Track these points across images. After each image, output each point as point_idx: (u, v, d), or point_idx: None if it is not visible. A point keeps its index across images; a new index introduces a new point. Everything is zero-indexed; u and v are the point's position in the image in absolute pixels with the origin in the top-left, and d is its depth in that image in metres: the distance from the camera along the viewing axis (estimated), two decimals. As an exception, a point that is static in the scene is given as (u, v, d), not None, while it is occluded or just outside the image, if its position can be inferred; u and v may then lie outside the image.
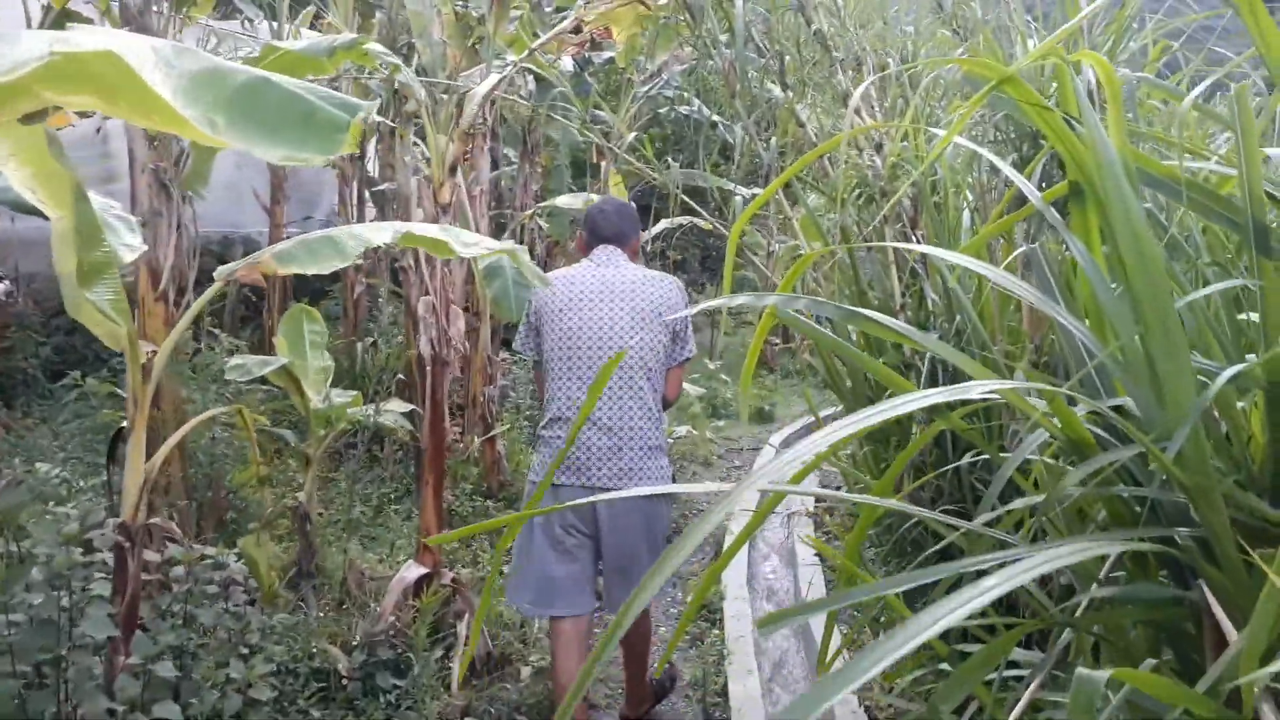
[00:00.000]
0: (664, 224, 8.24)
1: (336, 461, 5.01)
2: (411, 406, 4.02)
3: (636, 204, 7.43)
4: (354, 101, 1.59)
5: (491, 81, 3.38)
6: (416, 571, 3.29)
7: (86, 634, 2.24)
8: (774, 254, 8.12)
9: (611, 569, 2.85)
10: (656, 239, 8.82)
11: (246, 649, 2.62)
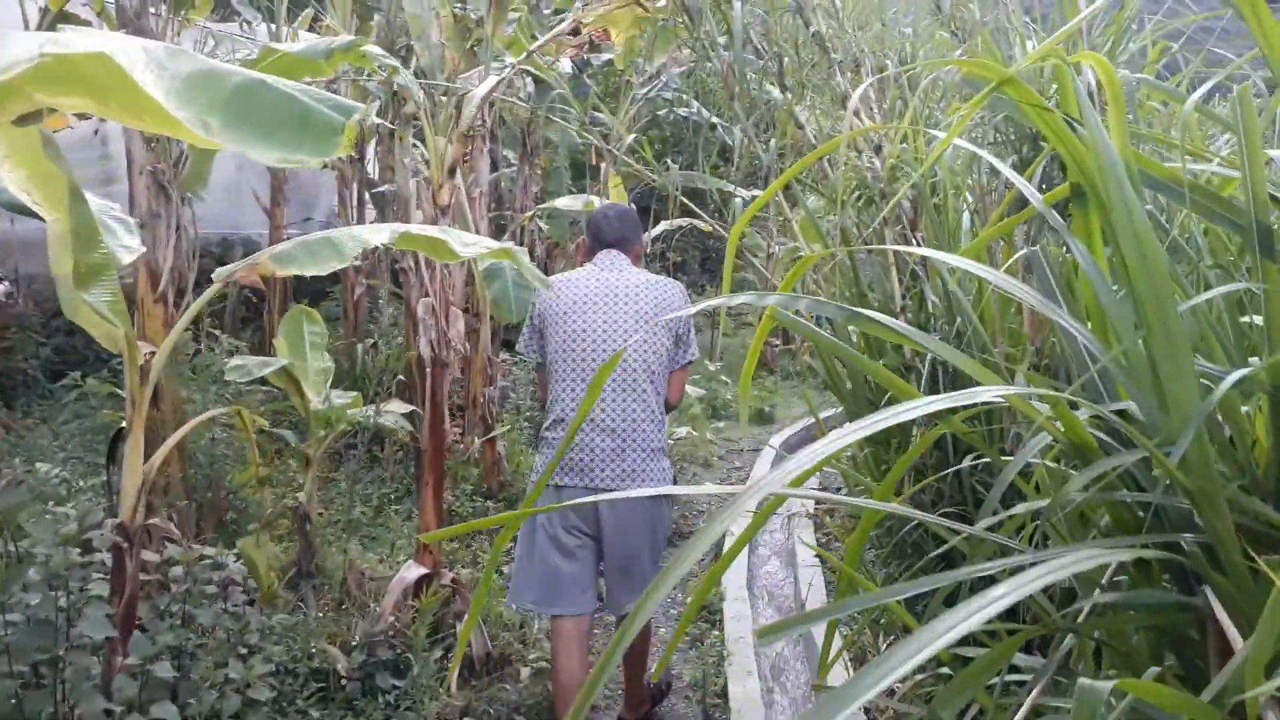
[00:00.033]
0: (663, 226, 8.24)
1: (337, 462, 5.01)
2: (411, 407, 4.01)
3: (636, 205, 7.43)
4: (349, 103, 1.58)
5: (490, 83, 3.38)
6: (416, 572, 3.29)
7: (84, 634, 2.23)
8: (774, 256, 8.11)
9: (613, 569, 2.85)
10: (656, 240, 8.82)
11: (245, 649, 2.61)
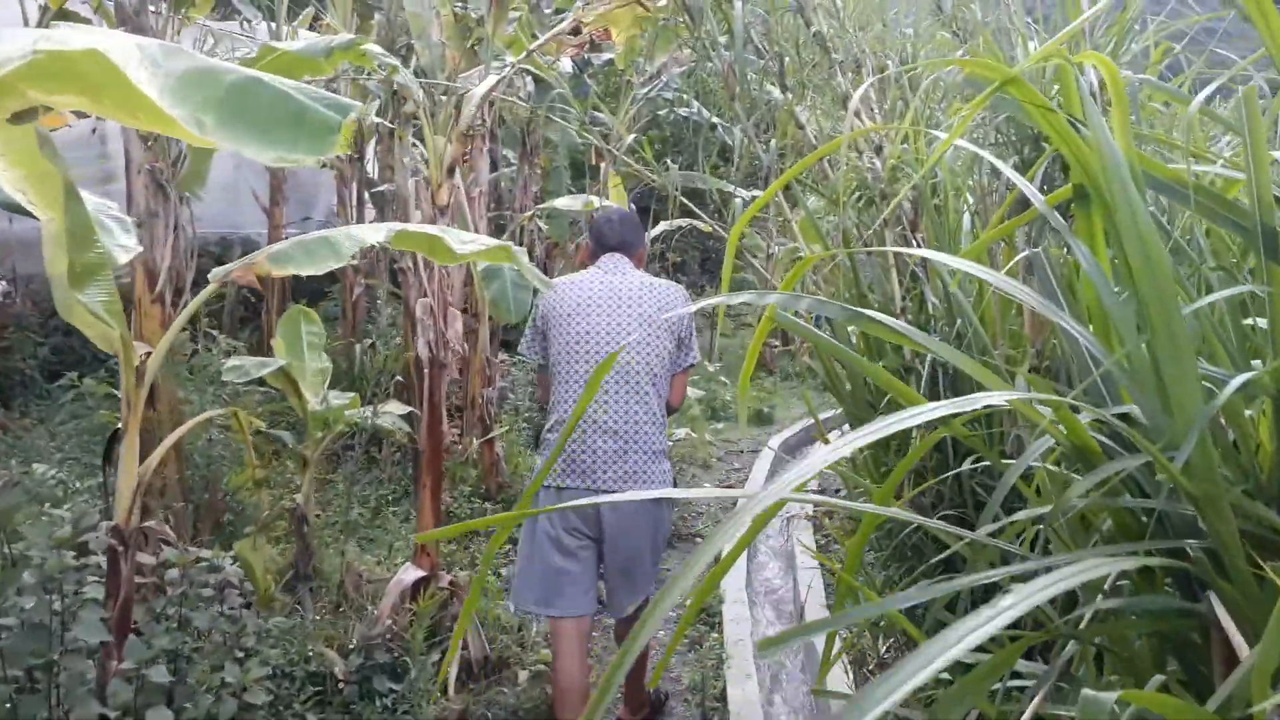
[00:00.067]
0: (663, 226, 8.23)
1: (334, 463, 5.00)
2: (409, 408, 4.00)
3: (636, 205, 7.43)
4: (346, 102, 1.57)
5: (490, 83, 3.36)
6: (414, 574, 3.28)
7: (79, 638, 2.22)
8: (773, 256, 8.10)
9: (614, 571, 2.85)
10: (656, 241, 8.80)
11: (242, 652, 2.60)
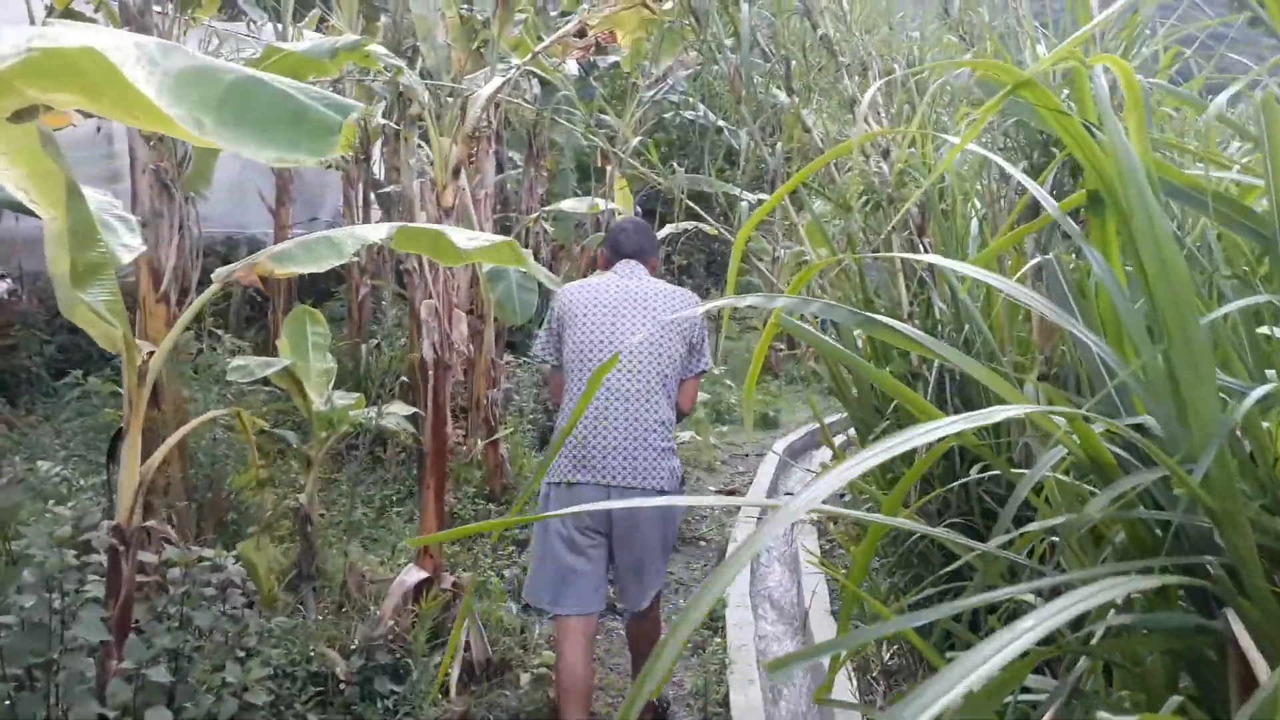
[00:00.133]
0: (669, 229, 8.20)
1: (338, 463, 4.99)
2: (414, 409, 3.99)
3: (641, 209, 7.41)
4: (347, 102, 1.55)
5: (495, 85, 3.36)
6: (417, 575, 3.26)
7: (79, 637, 2.21)
8: (779, 260, 8.08)
9: (625, 569, 2.88)
10: (662, 244, 8.77)
11: (243, 652, 2.58)
